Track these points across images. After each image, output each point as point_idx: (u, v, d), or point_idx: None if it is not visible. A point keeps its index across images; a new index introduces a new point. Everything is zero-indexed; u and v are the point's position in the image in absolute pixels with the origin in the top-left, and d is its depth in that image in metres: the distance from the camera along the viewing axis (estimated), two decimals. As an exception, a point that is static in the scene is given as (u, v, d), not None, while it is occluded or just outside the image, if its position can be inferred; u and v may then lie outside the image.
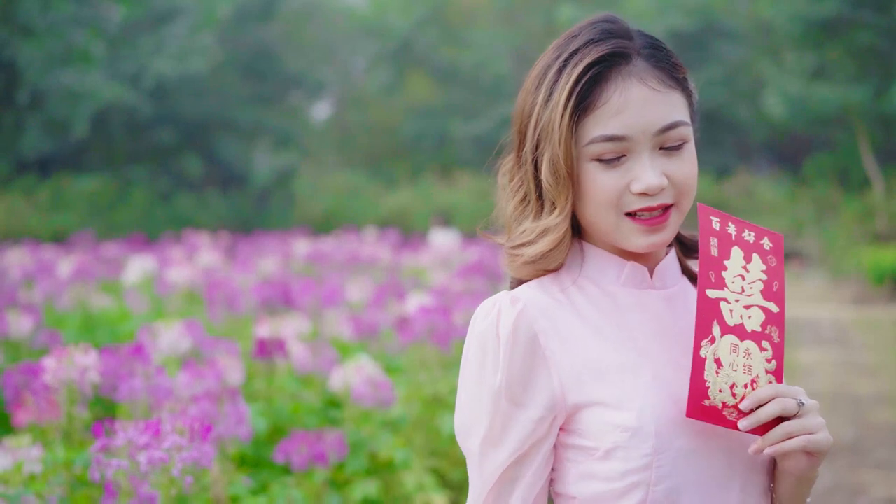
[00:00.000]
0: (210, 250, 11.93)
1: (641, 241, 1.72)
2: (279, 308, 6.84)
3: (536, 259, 1.76)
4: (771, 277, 1.74)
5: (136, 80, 30.49)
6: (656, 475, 1.67)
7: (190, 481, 2.51)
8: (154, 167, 32.03)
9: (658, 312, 1.79)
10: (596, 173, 1.70)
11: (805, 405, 1.67)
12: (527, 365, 1.71)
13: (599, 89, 1.68)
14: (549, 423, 1.71)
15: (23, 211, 26.60)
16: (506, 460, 1.72)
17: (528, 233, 1.76)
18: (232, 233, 21.98)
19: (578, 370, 1.70)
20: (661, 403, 1.70)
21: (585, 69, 1.68)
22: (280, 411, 4.48)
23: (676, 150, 1.72)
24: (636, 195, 1.70)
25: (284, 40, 36.49)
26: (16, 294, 8.60)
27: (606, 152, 1.69)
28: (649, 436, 1.67)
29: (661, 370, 1.73)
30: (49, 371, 3.20)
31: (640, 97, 1.68)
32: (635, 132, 1.68)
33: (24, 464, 3.33)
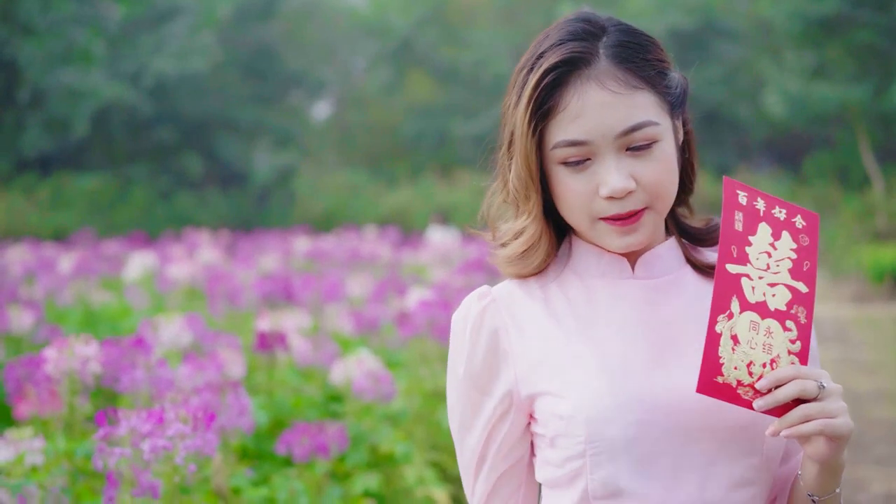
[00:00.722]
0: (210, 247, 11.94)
1: (616, 243, 1.72)
2: (280, 303, 6.85)
3: (512, 260, 1.79)
4: (801, 257, 1.69)
5: (137, 79, 30.51)
6: (591, 464, 1.69)
7: (193, 469, 2.52)
8: (154, 166, 32.03)
9: (636, 302, 1.78)
10: (564, 177, 1.70)
11: (826, 388, 1.61)
12: (488, 357, 1.77)
13: (560, 93, 1.67)
14: (505, 411, 1.78)
15: (23, 209, 26.61)
16: (476, 444, 1.82)
17: (504, 234, 1.81)
18: (232, 231, 22.00)
19: (534, 364, 1.75)
20: (598, 392, 1.69)
21: (544, 74, 1.67)
22: (281, 404, 4.49)
23: (644, 151, 1.68)
24: (605, 199, 1.68)
25: (285, 40, 36.49)
26: (17, 290, 8.61)
27: (570, 157, 1.68)
28: (581, 424, 1.68)
29: (617, 358, 1.73)
30: (51, 361, 3.21)
31: (597, 101, 1.66)
32: (595, 136, 1.66)
33: (25, 455, 3.34)
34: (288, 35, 36.79)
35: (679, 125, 1.78)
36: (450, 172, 32.61)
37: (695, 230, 1.88)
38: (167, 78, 30.69)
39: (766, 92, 27.42)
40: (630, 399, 1.69)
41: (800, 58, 26.14)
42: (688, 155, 1.84)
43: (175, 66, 30.39)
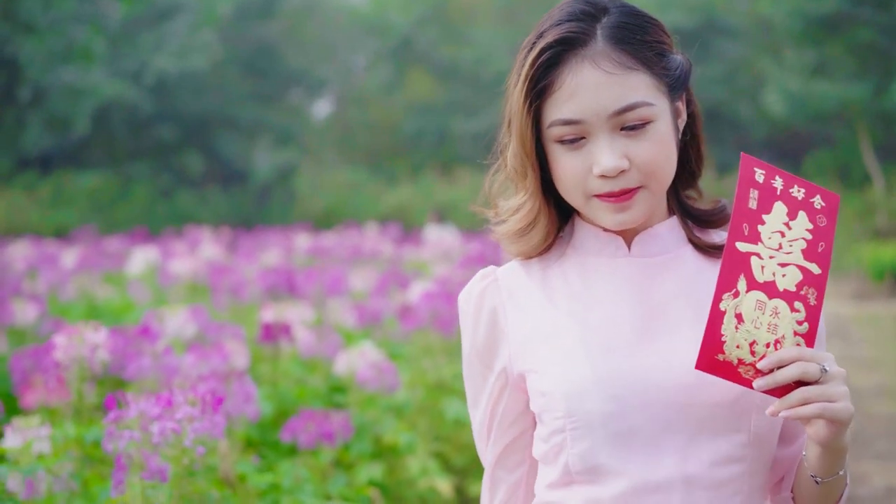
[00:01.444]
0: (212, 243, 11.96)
1: (609, 219, 1.74)
2: (283, 296, 6.88)
3: (511, 237, 1.83)
4: (817, 238, 1.68)
5: (138, 76, 30.54)
6: (570, 438, 1.72)
7: (202, 451, 2.54)
8: (155, 164, 32.07)
9: (630, 280, 1.80)
10: (560, 155, 1.73)
11: (829, 372, 1.61)
12: (489, 335, 1.84)
13: (555, 73, 1.70)
14: (503, 387, 1.84)
15: (24, 207, 26.65)
16: (482, 417, 1.89)
17: (504, 210, 1.85)
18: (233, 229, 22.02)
19: (524, 341, 1.80)
20: (576, 367, 1.72)
21: (540, 53, 1.70)
22: (285, 395, 4.52)
23: (638, 131, 1.70)
24: (597, 178, 1.71)
25: (285, 38, 36.52)
26: (20, 285, 8.63)
27: (565, 135, 1.71)
28: (560, 399, 1.72)
29: (600, 335, 1.75)
30: (60, 348, 3.24)
31: (592, 81, 1.68)
32: (588, 116, 1.68)
33: (33, 443, 3.36)
34: (288, 33, 36.81)
35: (681, 107, 1.79)
36: (450, 170, 32.63)
37: (701, 212, 1.88)
38: (168, 76, 30.72)
39: (766, 90, 27.43)
40: (609, 374, 1.71)
41: (800, 56, 26.15)
42: (691, 137, 1.86)
43: (176, 64, 30.42)
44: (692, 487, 1.72)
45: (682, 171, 1.85)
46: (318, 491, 3.65)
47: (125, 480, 2.67)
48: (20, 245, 12.02)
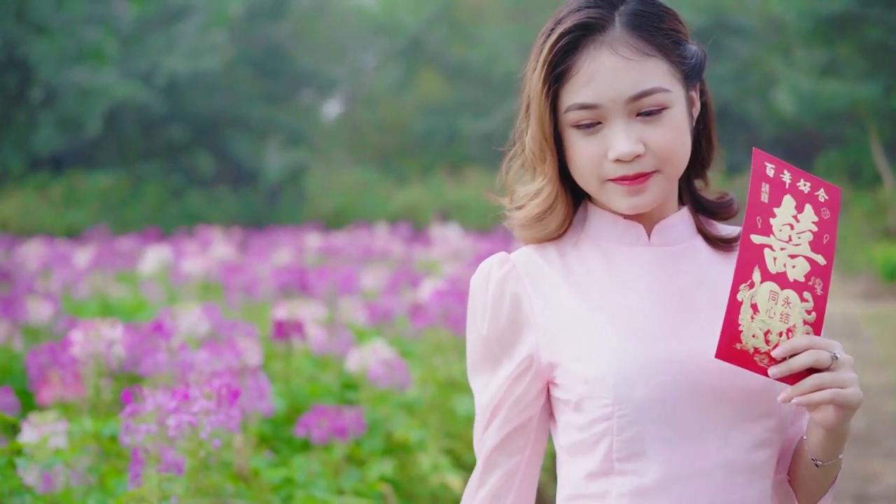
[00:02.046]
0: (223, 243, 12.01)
1: (624, 204, 1.77)
2: (295, 294, 6.91)
3: (528, 223, 1.84)
4: (822, 230, 1.73)
5: (149, 77, 30.63)
6: (618, 425, 1.73)
7: (218, 444, 2.58)
8: (166, 164, 32.16)
9: (652, 268, 1.83)
10: (576, 140, 1.75)
11: (839, 359, 1.66)
12: (510, 323, 1.82)
13: (574, 58, 1.72)
14: (524, 372, 1.82)
15: (36, 207, 26.74)
16: (490, 400, 1.86)
17: (520, 197, 1.85)
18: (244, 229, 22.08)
19: (556, 330, 1.78)
20: (622, 355, 1.74)
21: (559, 38, 1.73)
22: (298, 392, 4.56)
23: (654, 116, 1.73)
24: (613, 162, 1.73)
25: (295, 38, 36.59)
26: (33, 284, 8.69)
27: (582, 119, 1.73)
28: (609, 387, 1.73)
29: (639, 323, 1.78)
30: (77, 344, 3.28)
31: (609, 66, 1.71)
32: (606, 100, 1.71)
33: (50, 437, 3.41)
34: (298, 34, 36.89)
35: (695, 96, 1.83)
36: (459, 170, 32.67)
37: (709, 203, 1.93)
38: (179, 77, 30.81)
39: (776, 89, 27.42)
40: (655, 361, 1.75)
41: (810, 55, 26.14)
42: (703, 127, 1.89)
43: (186, 64, 30.52)
44: (732, 472, 1.76)
45: (694, 161, 1.89)
46: (330, 486, 3.69)
47: (142, 473, 2.71)
48: (33, 245, 12.08)
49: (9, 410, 3.94)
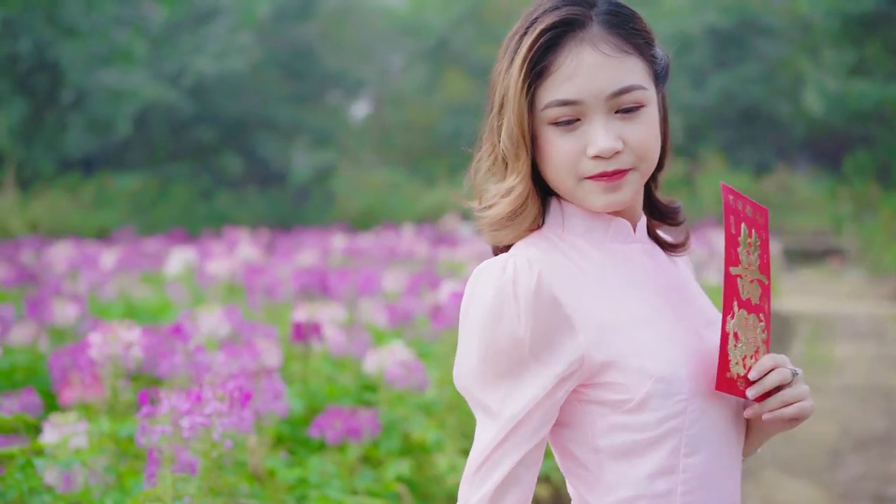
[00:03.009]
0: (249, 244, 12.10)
1: (600, 201, 1.78)
2: (316, 296, 6.97)
3: (499, 222, 1.82)
4: (763, 250, 1.81)
5: (177, 79, 30.83)
6: (689, 419, 1.75)
7: (230, 445, 2.64)
8: (194, 165, 32.34)
9: (644, 266, 1.87)
10: (553, 137, 1.76)
11: (798, 374, 1.77)
12: (550, 325, 1.72)
13: (554, 55, 1.74)
14: (566, 378, 1.74)
15: (66, 208, 26.95)
16: (520, 411, 1.74)
17: (491, 195, 1.83)
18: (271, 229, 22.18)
19: (600, 327, 1.74)
20: (682, 350, 1.77)
21: (539, 35, 1.73)
22: (316, 393, 4.61)
23: (633, 114, 1.75)
24: (591, 159, 1.74)
25: (323, 39, 36.70)
26: (61, 285, 8.79)
27: (561, 116, 1.74)
28: (683, 381, 1.74)
29: (671, 319, 1.81)
30: (95, 346, 3.35)
31: (591, 62, 1.73)
32: (587, 96, 1.73)
33: (70, 438, 3.48)
34: (326, 35, 37.00)
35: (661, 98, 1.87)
36: (487, 171, 32.60)
37: (662, 207, 1.97)
38: (207, 78, 30.99)
39: (804, 90, 27.30)
40: (700, 355, 1.79)
41: (838, 55, 26.00)
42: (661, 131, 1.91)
43: (215, 66, 30.69)
44: (739, 465, 1.84)
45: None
46: (345, 486, 3.75)
47: (157, 473, 2.78)
48: (62, 246, 12.21)
49: (32, 411, 4.02)
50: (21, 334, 5.92)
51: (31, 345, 5.93)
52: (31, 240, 16.04)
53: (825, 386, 10.31)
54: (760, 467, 7.33)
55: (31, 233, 23.03)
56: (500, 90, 1.80)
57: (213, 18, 32.13)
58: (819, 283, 21.32)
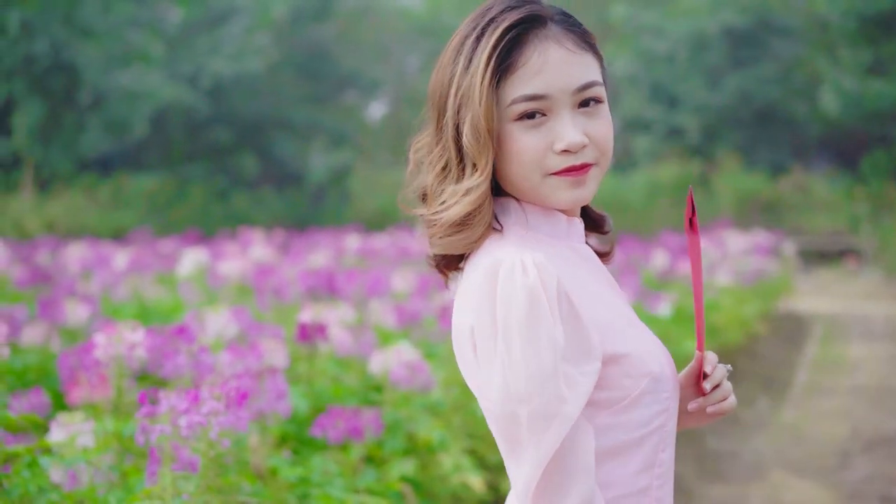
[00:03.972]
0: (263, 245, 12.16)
1: (566, 197, 1.80)
2: (325, 297, 7.02)
3: (455, 224, 1.79)
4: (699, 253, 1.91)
5: (194, 80, 30.96)
6: (669, 416, 1.82)
7: (227, 444, 2.69)
8: (211, 166, 32.45)
9: (599, 266, 1.92)
10: (519, 134, 1.76)
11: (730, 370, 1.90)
12: (572, 323, 1.72)
13: (519, 51, 1.76)
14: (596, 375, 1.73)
15: (84, 208, 27.10)
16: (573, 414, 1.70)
17: (450, 195, 1.80)
18: (287, 230, 22.26)
19: (600, 325, 1.76)
20: (660, 349, 1.85)
21: (504, 31, 1.76)
22: (321, 393, 4.66)
23: (593, 109, 1.79)
24: (559, 154, 1.76)
25: (339, 40, 36.79)
26: (75, 286, 8.87)
27: (528, 110, 1.75)
28: (668, 378, 1.81)
29: (635, 318, 1.88)
30: (100, 347, 3.41)
31: (558, 57, 1.76)
32: (555, 91, 1.75)
33: (77, 437, 3.54)
34: (342, 35, 37.09)
35: None
36: (503, 171, 32.64)
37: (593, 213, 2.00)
38: (223, 79, 31.11)
39: (821, 90, 27.24)
40: (668, 355, 1.88)
41: (855, 55, 25.94)
42: None
43: (231, 66, 30.80)
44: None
45: None
46: (348, 485, 3.79)
47: (158, 472, 2.83)
48: (77, 247, 12.30)
49: (40, 411, 4.08)
50: (33, 334, 5.98)
51: (43, 345, 5.99)
52: (48, 240, 16.14)
53: (837, 386, 10.32)
54: (768, 468, 7.35)
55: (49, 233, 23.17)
56: (457, 91, 1.80)
57: (230, 19, 32.24)
58: (835, 283, 21.28)
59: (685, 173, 28.40)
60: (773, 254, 16.87)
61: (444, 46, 1.88)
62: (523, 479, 1.69)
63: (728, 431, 8.49)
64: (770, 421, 8.89)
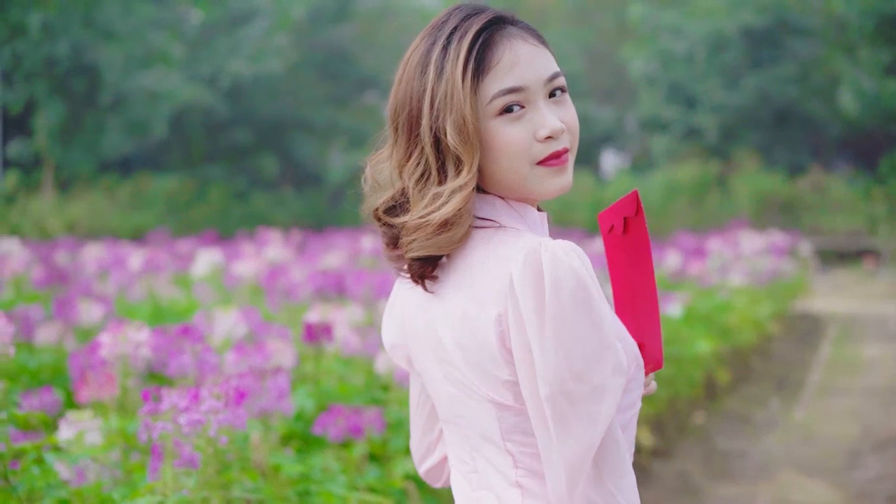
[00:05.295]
0: (279, 246, 12.25)
1: (554, 185, 1.88)
2: (333, 297, 7.10)
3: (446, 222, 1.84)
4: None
5: (213, 81, 31.13)
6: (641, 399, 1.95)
7: (225, 441, 2.77)
8: (230, 166, 32.62)
9: None
10: (503, 129, 1.85)
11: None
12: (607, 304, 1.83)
13: (490, 52, 1.86)
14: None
15: (104, 209, 27.29)
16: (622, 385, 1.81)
17: (438, 196, 1.85)
18: (305, 230, 22.37)
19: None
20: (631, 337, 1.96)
21: (476, 35, 1.86)
22: (327, 392, 4.73)
23: (561, 97, 1.90)
24: (542, 142, 1.86)
25: (358, 41, 36.93)
26: (91, 286, 8.97)
27: (509, 103, 1.84)
28: (642, 366, 1.90)
29: None
30: (105, 346, 3.49)
31: (526, 52, 1.87)
32: (530, 82, 1.85)
33: (84, 434, 3.63)
34: (362, 36, 37.22)
35: None
36: (522, 172, 32.68)
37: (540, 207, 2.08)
38: (243, 80, 31.27)
39: (840, 90, 27.17)
40: None
41: (874, 55, 25.87)
42: None
43: (250, 67, 30.96)
44: None
45: None
46: (350, 482, 3.86)
47: (160, 468, 2.92)
48: (94, 247, 12.43)
49: (51, 409, 4.18)
50: (47, 334, 6.09)
51: (58, 344, 6.09)
52: (68, 241, 16.29)
53: (849, 387, 10.34)
54: (777, 467, 7.39)
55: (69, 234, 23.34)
56: (433, 99, 1.86)
57: (249, 21, 32.40)
58: (852, 283, 21.24)
59: (703, 174, 28.38)
60: (789, 254, 16.87)
61: (399, 68, 1.97)
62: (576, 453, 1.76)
63: (738, 431, 8.53)
64: (781, 421, 8.92)
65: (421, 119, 1.88)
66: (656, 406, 7.58)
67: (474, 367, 1.86)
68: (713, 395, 9.67)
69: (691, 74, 30.82)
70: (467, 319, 1.85)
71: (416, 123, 1.89)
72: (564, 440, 1.76)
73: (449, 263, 1.91)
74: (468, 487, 1.95)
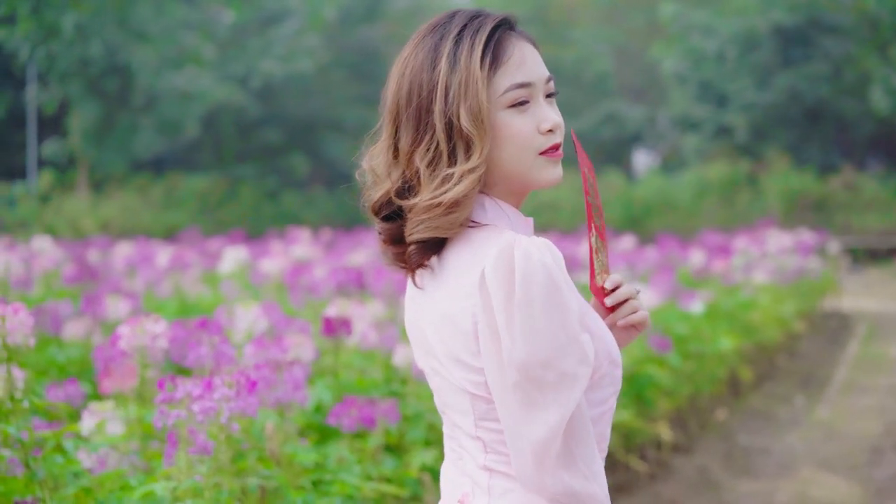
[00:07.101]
0: (308, 244, 12.37)
1: (553, 174, 2.02)
2: (355, 293, 7.19)
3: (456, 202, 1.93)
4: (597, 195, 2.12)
5: (245, 81, 31.35)
6: (618, 395, 2.03)
7: (237, 428, 2.86)
8: (262, 166, 32.84)
9: None
10: (511, 119, 1.97)
11: (639, 291, 2.12)
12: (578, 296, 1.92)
13: (502, 49, 1.99)
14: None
15: (137, 208, 27.55)
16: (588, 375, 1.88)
17: (449, 178, 1.94)
18: (335, 229, 22.50)
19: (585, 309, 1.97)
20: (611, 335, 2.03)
21: (492, 31, 1.99)
22: (346, 384, 4.81)
23: (552, 99, 2.04)
24: (544, 134, 1.99)
25: (389, 41, 37.05)
26: (120, 283, 9.11)
27: (519, 98, 1.97)
28: (620, 364, 2.01)
29: None
30: (124, 338, 3.59)
31: (530, 52, 2.01)
32: (536, 79, 1.99)
33: (106, 423, 3.74)
34: (392, 36, 37.33)
35: None
36: (552, 170, 32.70)
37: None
38: (274, 79, 31.47)
39: (871, 88, 27.04)
40: None
41: (906, 53, 25.76)
42: None
43: (282, 67, 31.16)
44: None
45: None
46: (365, 472, 3.95)
47: (175, 454, 3.01)
48: (124, 245, 12.60)
49: (75, 400, 4.30)
50: (76, 329, 6.21)
51: (86, 339, 6.22)
52: (101, 239, 16.48)
53: (875, 385, 10.34)
54: (798, 464, 7.42)
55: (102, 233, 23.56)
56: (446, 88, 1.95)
57: (281, 21, 32.60)
58: (884, 282, 21.16)
59: (734, 172, 28.31)
60: (818, 253, 16.81)
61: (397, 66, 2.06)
62: (542, 435, 1.85)
63: (760, 428, 8.56)
64: (804, 418, 8.94)
65: (433, 107, 1.97)
66: (676, 401, 7.63)
67: (452, 359, 1.95)
68: (737, 392, 9.70)
69: (722, 73, 30.75)
70: (447, 314, 1.95)
71: (428, 111, 1.98)
72: (530, 423, 1.86)
73: (437, 261, 2.01)
74: (456, 473, 2.04)
